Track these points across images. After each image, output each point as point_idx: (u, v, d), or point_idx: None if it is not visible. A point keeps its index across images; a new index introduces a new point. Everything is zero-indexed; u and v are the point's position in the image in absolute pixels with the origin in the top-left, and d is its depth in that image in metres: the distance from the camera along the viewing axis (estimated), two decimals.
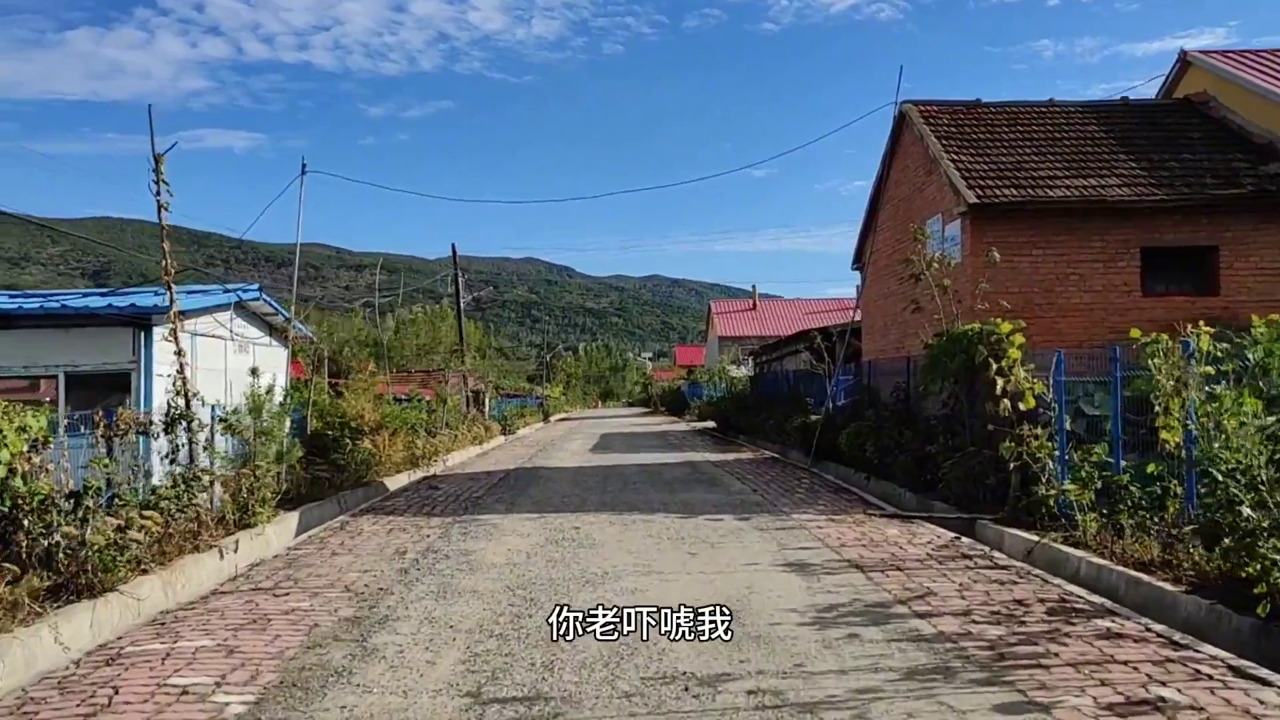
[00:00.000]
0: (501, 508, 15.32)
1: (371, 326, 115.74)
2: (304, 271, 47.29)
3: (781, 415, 28.08)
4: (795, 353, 31.72)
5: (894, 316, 21.32)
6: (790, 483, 18.51)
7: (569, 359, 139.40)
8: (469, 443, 32.54)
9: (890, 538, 11.80)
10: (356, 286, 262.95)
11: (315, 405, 20.46)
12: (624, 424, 53.86)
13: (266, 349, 20.93)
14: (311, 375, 19.50)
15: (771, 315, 68.48)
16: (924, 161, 19.15)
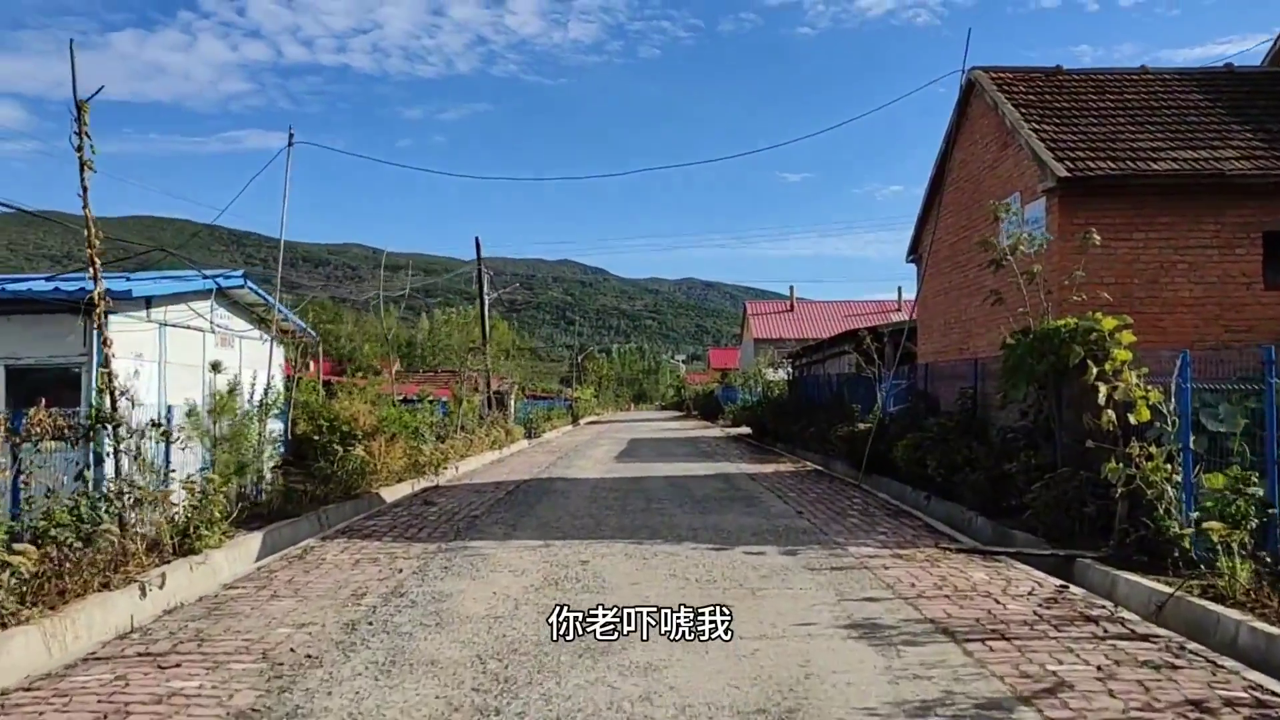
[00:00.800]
0: (500, 531, 12.88)
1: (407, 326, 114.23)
2: (342, 271, 45.04)
3: (824, 422, 25.51)
4: (839, 355, 29.10)
5: (956, 314, 18.70)
6: (839, 502, 15.95)
7: (601, 361, 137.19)
8: (486, 447, 30.22)
9: (977, 584, 9.24)
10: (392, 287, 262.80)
11: (305, 406, 18.17)
12: (654, 429, 51.36)
13: (256, 344, 18.69)
14: (297, 370, 17.20)
15: (809, 317, 65.68)
16: (997, 134, 16.54)
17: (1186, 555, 9.15)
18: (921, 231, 21.08)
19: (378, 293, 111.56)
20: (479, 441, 29.13)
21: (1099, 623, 7.75)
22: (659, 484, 18.91)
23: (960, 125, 18.37)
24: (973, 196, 17.83)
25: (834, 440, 23.01)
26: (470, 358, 30.09)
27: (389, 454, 18.58)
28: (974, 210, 17.78)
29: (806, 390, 34.03)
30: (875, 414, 23.03)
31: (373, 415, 18.64)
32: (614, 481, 19.57)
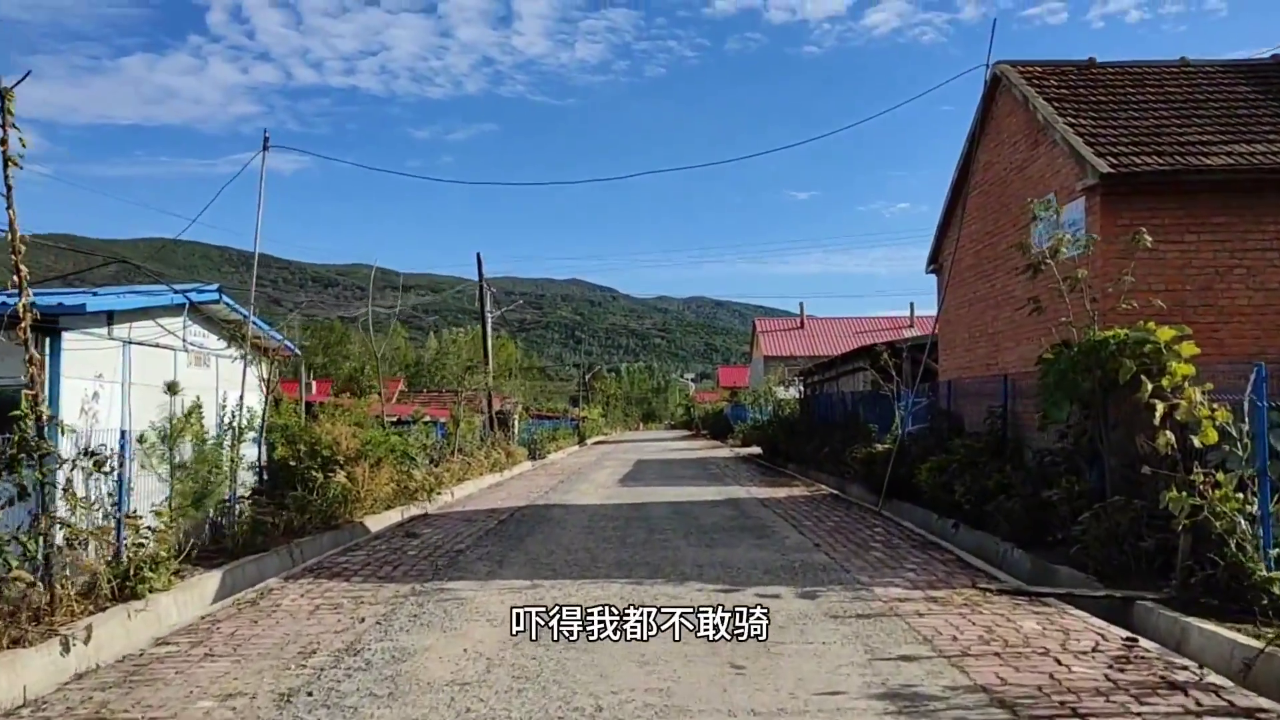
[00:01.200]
0: (483, 569, 11.53)
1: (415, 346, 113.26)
2: (351, 292, 43.87)
3: (839, 443, 24.17)
4: (853, 372, 27.76)
5: (982, 327, 17.36)
6: (860, 532, 14.56)
7: (609, 380, 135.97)
8: (486, 470, 28.91)
9: (1030, 637, 7.87)
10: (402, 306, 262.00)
11: (284, 430, 16.89)
12: (662, 449, 49.97)
13: (235, 364, 17.45)
14: (270, 389, 15.92)
15: (819, 334, 64.26)
16: (1027, 132, 15.23)
17: (1276, 601, 7.80)
18: (942, 240, 19.75)
19: (368, 310, 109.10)
20: (477, 464, 27.82)
21: (1187, 691, 6.38)
22: (663, 511, 17.54)
23: (984, 125, 17.07)
24: (999, 201, 16.52)
25: (850, 462, 21.67)
26: (468, 377, 28.78)
27: (374, 480, 17.29)
28: (1001, 215, 16.46)
29: (819, 409, 32.65)
30: (893, 434, 21.70)
31: (356, 439, 17.35)
32: (615, 508, 18.21)
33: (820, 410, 32.55)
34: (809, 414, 32.46)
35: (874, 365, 21.70)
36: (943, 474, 15.38)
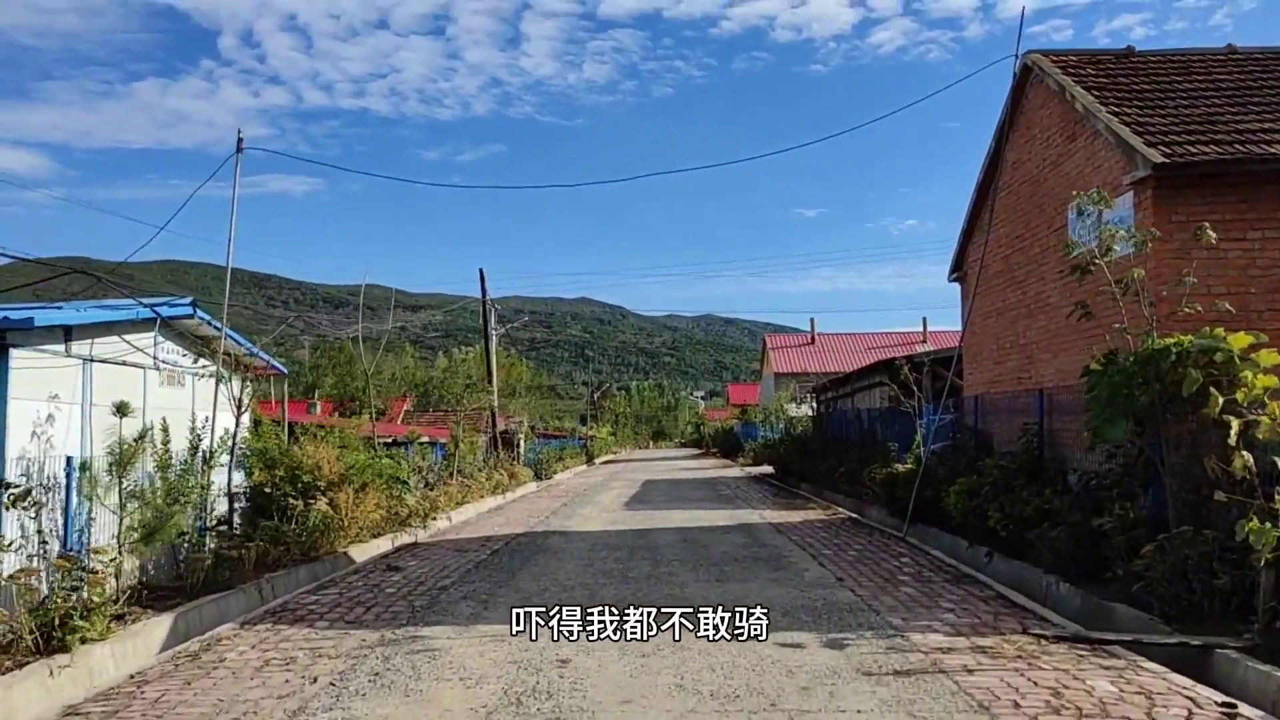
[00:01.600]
0: (466, 610, 10.20)
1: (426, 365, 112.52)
2: (362, 313, 42.21)
3: (855, 462, 22.84)
4: (869, 388, 26.41)
5: (1013, 338, 16.02)
6: (885, 562, 13.20)
7: (619, 398, 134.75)
8: (488, 492, 27.60)
9: (1105, 701, 6.51)
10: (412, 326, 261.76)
11: (263, 454, 15.64)
12: (671, 468, 48.59)
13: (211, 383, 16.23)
14: (238, 411, 14.62)
15: (831, 350, 62.83)
16: (1063, 124, 13.94)
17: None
18: (966, 247, 18.44)
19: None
20: (478, 487, 26.51)
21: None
22: (670, 539, 16.19)
23: (1013, 120, 15.77)
24: (1031, 201, 15.21)
25: (868, 482, 20.35)
26: (468, 395, 27.45)
27: (360, 507, 16.00)
28: (1033, 216, 15.15)
29: (833, 426, 31.29)
30: (914, 453, 20.37)
31: (340, 462, 16.08)
32: (618, 536, 16.86)
33: (834, 428, 31.19)
34: (823, 432, 31.10)
35: (893, 380, 20.36)
36: (974, 497, 14.04)
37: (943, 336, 60.25)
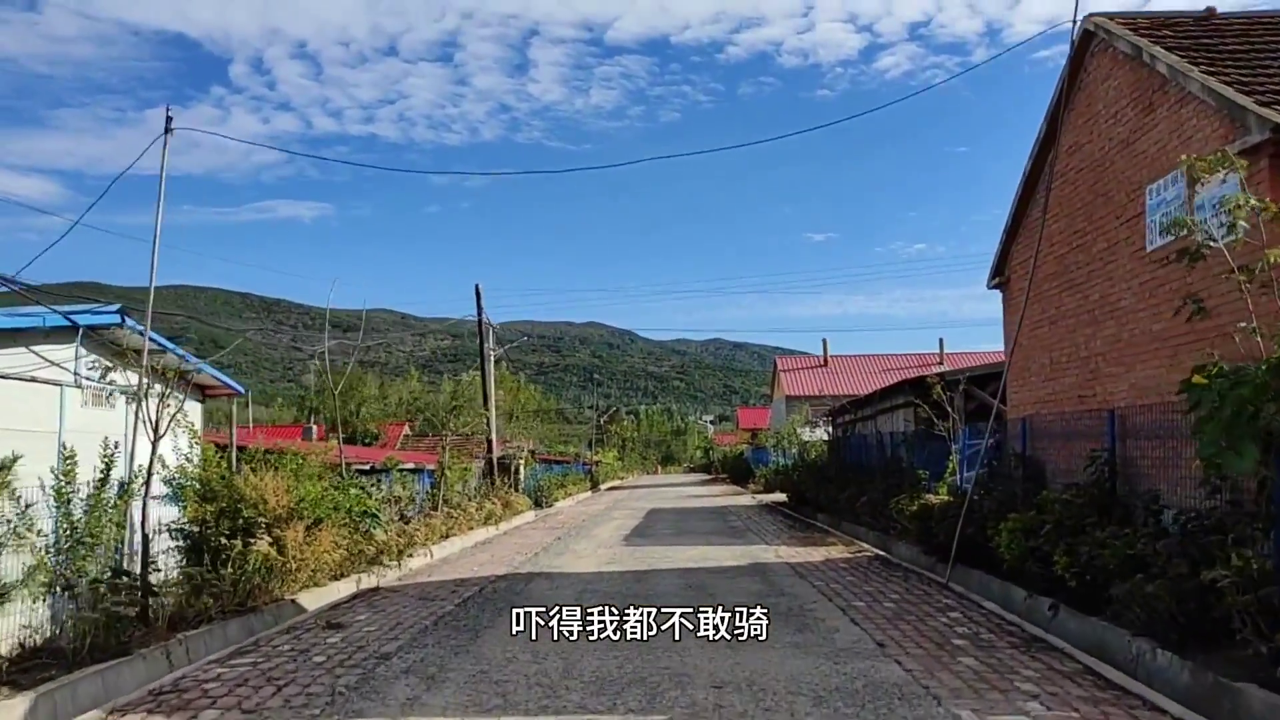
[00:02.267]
0: (403, 693, 7.83)
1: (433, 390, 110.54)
2: (369, 336, 40.13)
3: (879, 492, 20.49)
4: (892, 410, 24.04)
5: (1072, 349, 13.68)
6: (931, 618, 10.81)
7: (626, 423, 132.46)
8: (479, 524, 25.27)
9: None
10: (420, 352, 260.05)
11: (203, 485, 13.38)
12: (678, 495, 46.14)
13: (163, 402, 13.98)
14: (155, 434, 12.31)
15: (843, 372, 60.40)
16: (1138, 94, 11.66)
17: None
18: (1009, 250, 16.13)
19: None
20: (466, 518, 24.15)
21: None
22: (672, 585, 13.80)
23: (1069, 98, 13.51)
24: (1093, 190, 12.92)
25: (897, 515, 17.99)
26: (453, 419, 25.12)
27: (313, 546, 13.71)
28: (1096, 208, 12.86)
29: (852, 452, 28.91)
30: (945, 481, 18.05)
31: (289, 494, 13.79)
32: (612, 580, 14.47)
33: (853, 453, 28.82)
34: (840, 458, 28.71)
35: (924, 401, 18.02)
36: (1031, 537, 11.68)
37: (960, 358, 57.85)
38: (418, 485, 24.32)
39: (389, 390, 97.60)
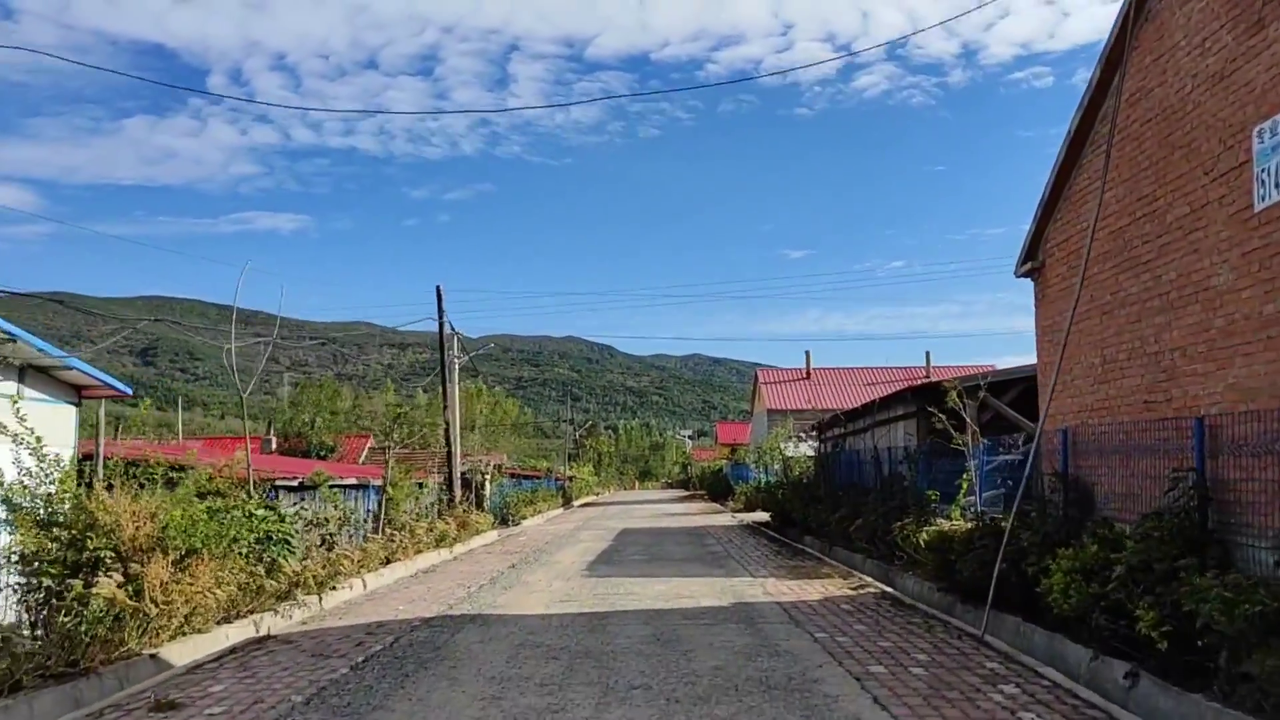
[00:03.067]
0: None
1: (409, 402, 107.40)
2: (349, 350, 37.56)
3: (878, 515, 17.81)
4: (892, 421, 21.26)
5: (1136, 344, 10.92)
6: (981, 695, 7.96)
7: (603, 438, 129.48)
8: (430, 546, 22.37)
9: None
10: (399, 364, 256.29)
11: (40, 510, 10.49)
12: (654, 513, 43.20)
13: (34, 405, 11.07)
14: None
15: (827, 385, 57.66)
16: (1236, 14, 8.98)
17: None
18: (1043, 229, 13.39)
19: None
20: (413, 541, 21.19)
21: None
22: (635, 634, 10.91)
23: (1131, 34, 10.81)
24: (1168, 142, 10.20)
25: (902, 543, 15.27)
26: (397, 429, 22.02)
27: (181, 585, 10.78)
28: (1170, 165, 10.14)
29: (844, 469, 26.14)
30: (958, 504, 15.34)
31: (154, 521, 10.87)
32: (562, 627, 11.55)
33: (845, 471, 26.06)
34: (829, 475, 25.95)
35: (939, 410, 15.23)
36: (1095, 580, 8.96)
37: (947, 372, 55.35)
38: (363, 504, 21.35)
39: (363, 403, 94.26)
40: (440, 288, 33.14)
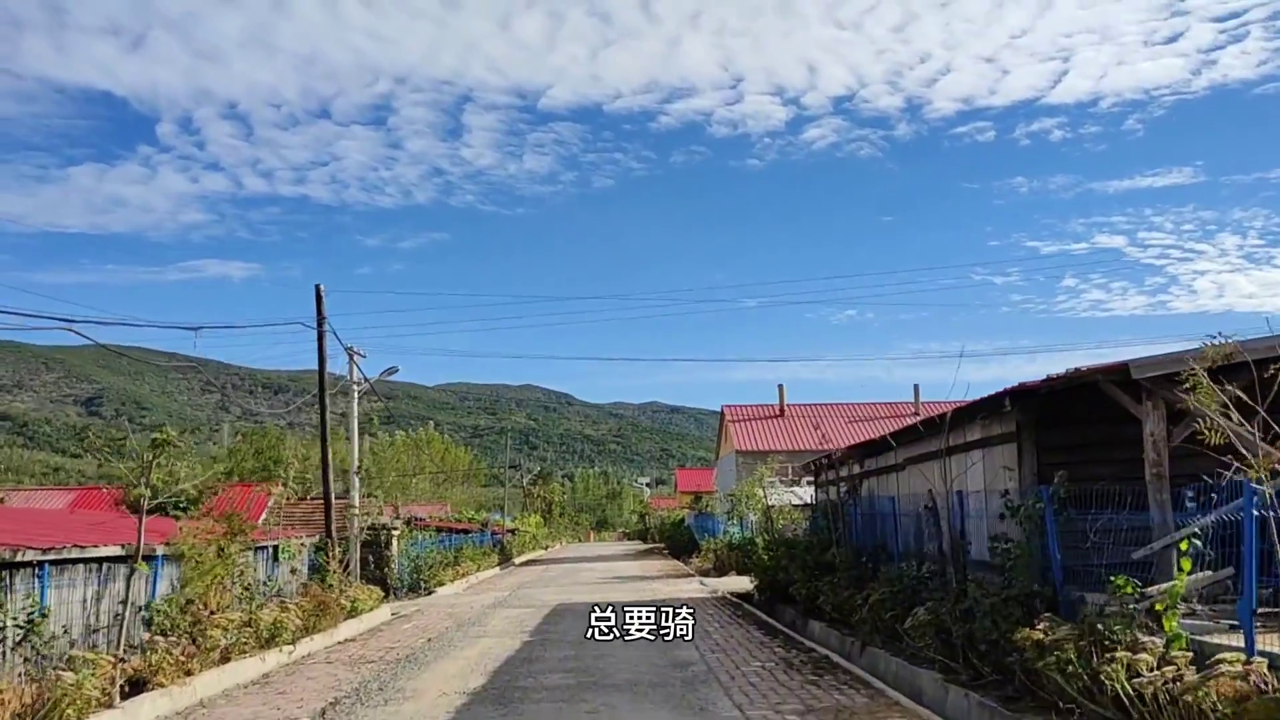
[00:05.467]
0: None
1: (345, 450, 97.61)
2: (301, 398, 31.05)
3: (982, 609, 9.90)
4: (965, 448, 13.17)
5: None
6: None
7: (556, 485, 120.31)
8: (254, 647, 14.01)
9: None
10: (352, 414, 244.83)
11: None
12: (603, 575, 34.76)
13: None
14: None
15: (805, 422, 49.66)
16: None
17: None
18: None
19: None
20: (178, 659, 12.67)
21: None
22: None
23: None
24: None
25: (1066, 681, 7.25)
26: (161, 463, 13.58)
27: None
28: None
29: (861, 524, 18.13)
30: (1170, 594, 7.39)
31: None
32: None
33: (863, 526, 18.08)
34: (850, 533, 17.94)
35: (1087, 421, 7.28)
36: None
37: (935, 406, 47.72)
38: (139, 587, 12.97)
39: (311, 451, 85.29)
40: (320, 287, 24.87)
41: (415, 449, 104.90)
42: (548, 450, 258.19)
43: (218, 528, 16.49)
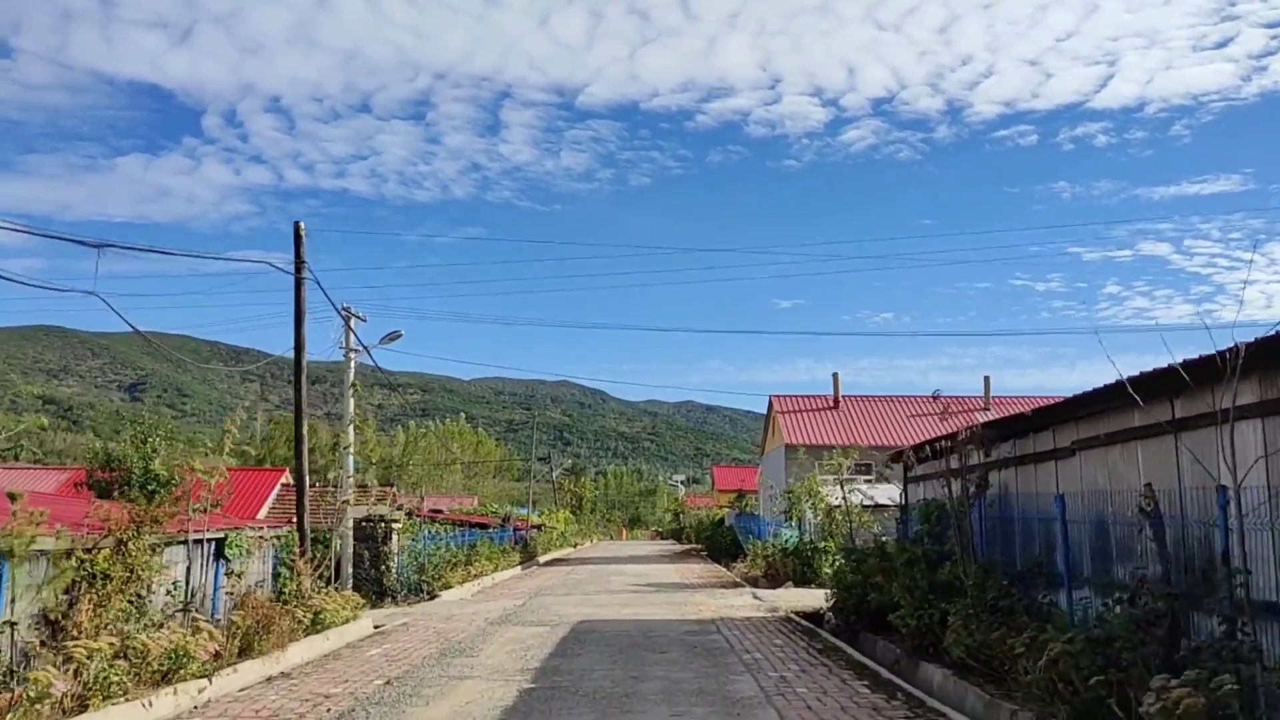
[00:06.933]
0: None
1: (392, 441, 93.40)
2: (338, 390, 28.24)
3: None
4: (1235, 416, 8.04)
5: None
6: None
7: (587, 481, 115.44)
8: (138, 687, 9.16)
9: None
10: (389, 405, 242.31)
11: None
12: (635, 580, 29.74)
13: None
14: None
15: (861, 416, 44.28)
16: None
17: None
18: None
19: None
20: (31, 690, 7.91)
21: None
22: None
23: None
24: None
25: None
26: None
27: None
28: None
29: (1011, 531, 13.04)
30: None
31: None
32: None
33: (1024, 535, 13.00)
34: (966, 542, 12.83)
35: None
36: None
37: (1009, 403, 42.27)
38: None
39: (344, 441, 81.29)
40: (300, 224, 20.04)
41: (445, 440, 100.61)
42: (581, 446, 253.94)
43: (122, 512, 11.77)
